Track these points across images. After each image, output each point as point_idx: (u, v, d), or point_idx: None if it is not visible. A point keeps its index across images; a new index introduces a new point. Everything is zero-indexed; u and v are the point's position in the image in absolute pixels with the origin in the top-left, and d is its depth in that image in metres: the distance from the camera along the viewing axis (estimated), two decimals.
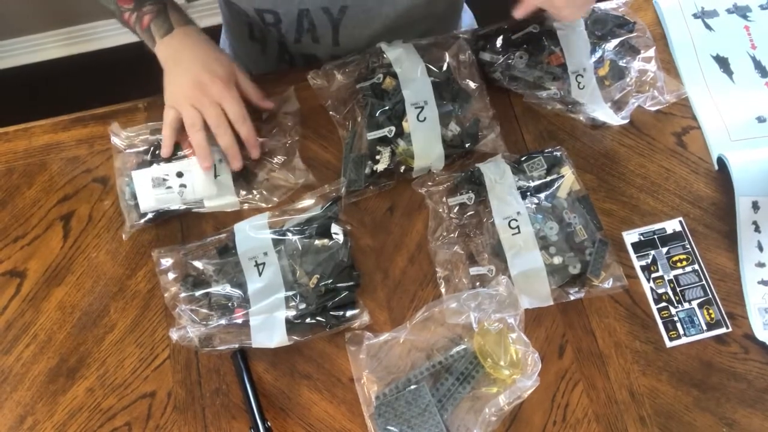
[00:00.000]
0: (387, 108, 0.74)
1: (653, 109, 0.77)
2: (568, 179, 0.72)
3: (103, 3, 0.78)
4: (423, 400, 0.63)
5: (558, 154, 0.74)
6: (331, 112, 0.77)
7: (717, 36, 0.83)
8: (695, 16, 0.84)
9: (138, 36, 0.79)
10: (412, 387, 0.64)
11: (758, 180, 0.73)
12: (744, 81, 0.80)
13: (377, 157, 0.73)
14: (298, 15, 0.79)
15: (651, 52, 0.80)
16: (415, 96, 0.74)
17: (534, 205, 0.71)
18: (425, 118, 0.74)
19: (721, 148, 0.76)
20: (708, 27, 0.83)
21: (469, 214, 0.72)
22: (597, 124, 0.78)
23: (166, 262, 0.71)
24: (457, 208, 0.73)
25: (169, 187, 0.73)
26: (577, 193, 0.72)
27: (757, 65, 0.81)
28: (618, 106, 0.78)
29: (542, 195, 0.71)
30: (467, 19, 1.04)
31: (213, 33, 1.18)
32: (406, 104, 0.74)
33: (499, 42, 0.80)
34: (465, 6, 1.02)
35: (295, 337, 0.67)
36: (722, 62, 0.81)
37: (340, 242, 0.70)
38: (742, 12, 0.84)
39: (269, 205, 0.74)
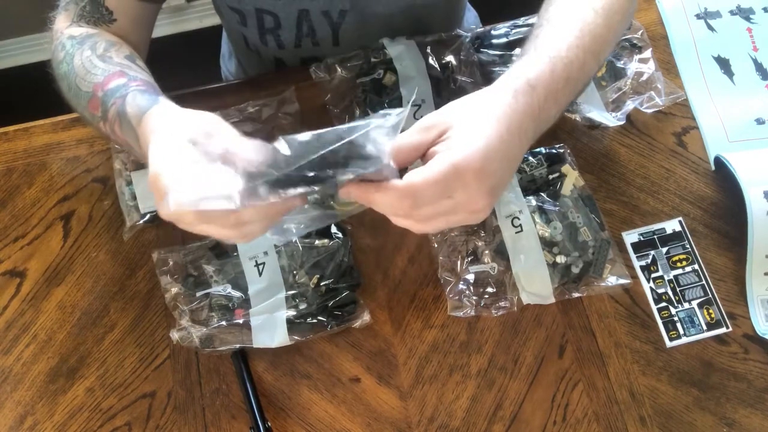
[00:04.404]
0: (385, 103, 0.74)
1: (650, 111, 0.77)
2: (570, 177, 0.72)
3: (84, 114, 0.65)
4: None
5: (561, 151, 0.74)
6: (329, 106, 0.77)
7: (719, 37, 0.83)
8: (698, 16, 0.84)
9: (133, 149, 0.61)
10: None
11: (765, 170, 0.72)
12: (744, 83, 0.80)
13: None
14: (298, 17, 0.79)
15: (648, 53, 0.80)
16: (413, 94, 0.74)
17: (537, 204, 0.71)
18: (422, 117, 0.74)
19: (718, 148, 0.76)
20: (710, 28, 0.83)
21: None
22: (594, 125, 0.78)
23: (167, 262, 0.71)
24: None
25: None
26: (582, 191, 0.72)
27: (759, 67, 0.81)
28: (615, 106, 0.78)
29: (545, 193, 0.72)
30: (471, 18, 1.04)
31: (213, 33, 1.18)
32: (403, 102, 0.74)
33: (497, 41, 0.80)
34: (468, 5, 1.02)
35: (296, 337, 0.67)
36: (723, 63, 0.81)
37: (340, 242, 0.70)
38: (746, 14, 0.84)
39: None
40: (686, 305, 0.70)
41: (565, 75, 0.53)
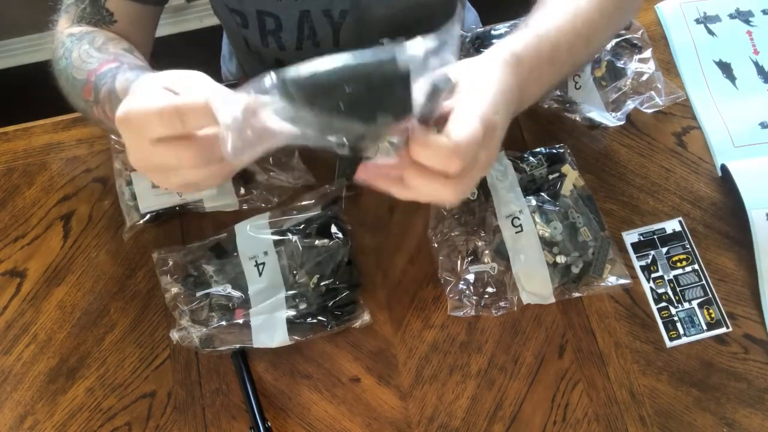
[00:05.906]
0: None
1: (650, 111, 0.77)
2: (570, 177, 0.72)
3: (75, 101, 0.66)
4: None
5: (561, 151, 0.74)
6: None
7: (719, 41, 0.82)
8: (697, 21, 0.84)
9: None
10: None
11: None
12: (747, 86, 0.80)
13: None
14: (299, 19, 0.79)
15: (648, 53, 0.80)
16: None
17: (537, 204, 0.71)
18: None
19: (724, 154, 0.76)
20: (710, 32, 0.83)
21: (470, 211, 0.72)
22: (594, 125, 0.78)
23: (167, 262, 0.71)
24: (458, 205, 0.73)
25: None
26: (582, 191, 0.72)
27: (760, 70, 0.80)
28: (615, 106, 0.78)
29: (545, 193, 0.72)
30: (471, 18, 1.04)
31: (213, 33, 1.18)
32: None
33: (497, 41, 0.80)
34: (468, 5, 1.02)
35: (296, 337, 0.67)
36: (725, 68, 0.81)
37: (340, 242, 0.70)
38: (745, 17, 0.83)
39: (269, 205, 0.74)
40: (686, 305, 0.70)
41: (550, 55, 0.55)
